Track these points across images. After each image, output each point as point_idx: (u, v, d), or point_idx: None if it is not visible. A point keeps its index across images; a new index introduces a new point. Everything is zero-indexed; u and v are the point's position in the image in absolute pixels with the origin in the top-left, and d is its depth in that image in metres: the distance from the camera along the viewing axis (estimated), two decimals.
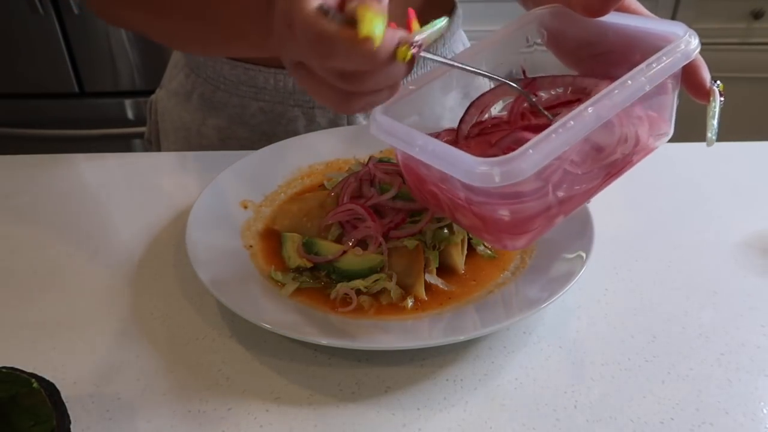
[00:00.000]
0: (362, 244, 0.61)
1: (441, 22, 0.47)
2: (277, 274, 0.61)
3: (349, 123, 0.88)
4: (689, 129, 0.79)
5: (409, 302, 0.58)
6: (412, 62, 0.44)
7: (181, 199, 0.76)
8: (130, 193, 0.78)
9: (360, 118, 0.88)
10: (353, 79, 0.43)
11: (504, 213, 0.48)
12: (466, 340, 0.55)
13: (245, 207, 0.70)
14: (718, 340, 0.56)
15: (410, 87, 0.55)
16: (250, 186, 0.73)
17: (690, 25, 0.52)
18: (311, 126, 0.87)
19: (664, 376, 0.53)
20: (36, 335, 0.58)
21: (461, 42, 0.98)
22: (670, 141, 0.63)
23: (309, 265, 0.61)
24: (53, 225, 0.73)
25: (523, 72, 0.61)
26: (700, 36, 0.52)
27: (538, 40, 0.61)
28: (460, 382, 0.53)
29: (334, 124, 0.88)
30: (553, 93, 0.61)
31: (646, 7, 0.59)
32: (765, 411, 0.50)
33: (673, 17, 1.95)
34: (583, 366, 0.54)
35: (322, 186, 0.74)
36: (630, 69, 0.49)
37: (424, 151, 0.46)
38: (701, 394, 0.51)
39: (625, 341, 0.56)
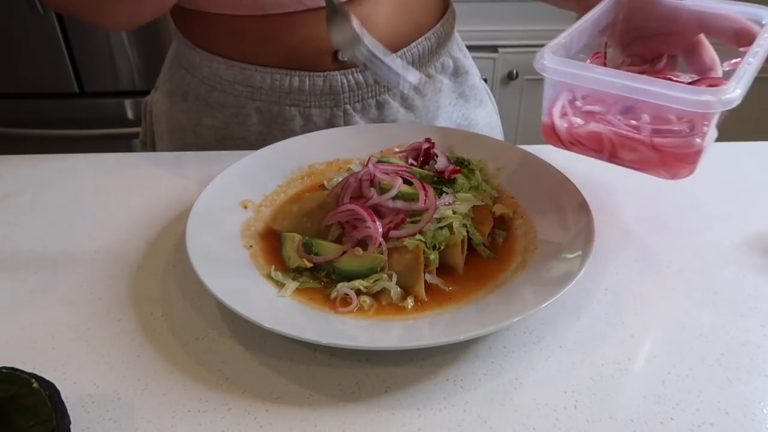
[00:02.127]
0: (362, 244, 0.61)
1: None
2: (277, 274, 0.61)
3: (346, 123, 0.88)
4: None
5: (410, 302, 0.58)
6: None
7: (181, 199, 0.76)
8: (130, 193, 0.78)
9: (357, 117, 0.88)
10: None
11: (698, 141, 0.59)
12: (466, 340, 0.55)
13: (245, 207, 0.70)
14: (718, 340, 0.56)
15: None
16: (250, 186, 0.73)
17: None
18: (308, 126, 0.87)
19: (664, 376, 0.53)
20: (36, 335, 0.58)
21: (456, 43, 0.98)
22: None
23: (309, 265, 0.61)
24: (53, 225, 0.73)
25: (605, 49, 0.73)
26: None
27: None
28: (460, 382, 0.53)
29: (330, 123, 0.88)
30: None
31: None
32: (765, 411, 0.50)
33: None
34: (583, 366, 0.54)
35: (322, 186, 0.74)
36: (688, 49, 0.64)
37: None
38: (701, 394, 0.51)
39: (625, 341, 0.56)
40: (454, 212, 0.63)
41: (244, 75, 0.85)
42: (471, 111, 0.98)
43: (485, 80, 1.00)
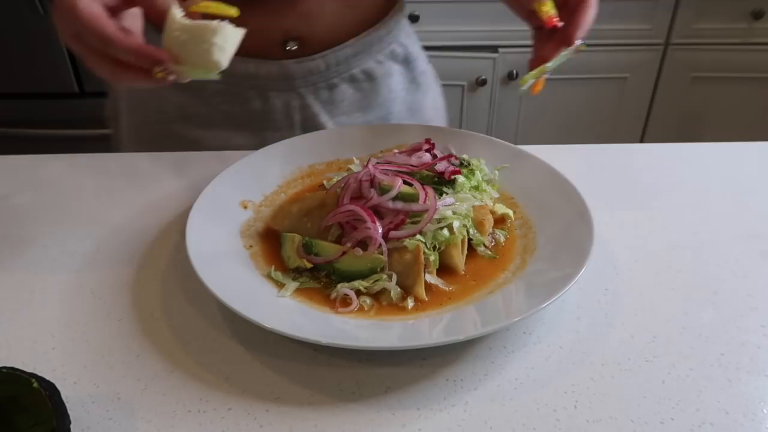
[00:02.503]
0: (362, 244, 0.61)
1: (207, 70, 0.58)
2: (277, 274, 0.61)
3: (301, 105, 0.89)
4: (690, 129, 0.79)
5: (410, 302, 0.58)
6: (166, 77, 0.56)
7: (181, 199, 0.76)
8: (130, 193, 0.78)
9: (311, 99, 0.89)
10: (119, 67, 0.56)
11: None
12: (466, 340, 0.55)
13: (245, 207, 0.70)
14: (718, 340, 0.56)
15: None
16: (250, 186, 0.73)
17: (690, 25, 0.53)
18: (266, 106, 0.88)
19: (664, 376, 0.53)
20: (36, 335, 0.58)
21: (403, 31, 0.97)
22: (670, 141, 0.64)
23: (308, 265, 0.61)
24: (53, 225, 0.73)
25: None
26: (700, 36, 0.53)
27: None
28: (460, 382, 0.53)
29: (286, 104, 0.89)
30: None
31: (647, 7, 0.62)
32: (765, 411, 0.50)
33: (673, 17, 1.95)
34: (583, 366, 0.54)
35: (322, 186, 0.74)
36: None
37: None
38: (701, 394, 0.51)
39: (625, 341, 0.56)
40: (454, 213, 0.63)
41: None
42: (421, 96, 1.00)
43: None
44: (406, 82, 0.97)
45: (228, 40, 0.56)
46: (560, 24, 0.67)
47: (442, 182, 0.68)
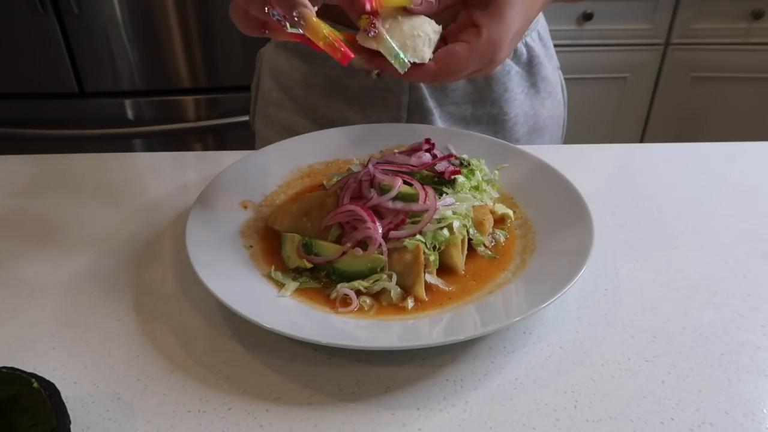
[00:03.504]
0: (362, 244, 0.61)
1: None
2: (277, 274, 0.61)
3: (413, 104, 0.88)
4: (690, 129, 0.79)
5: (410, 302, 0.58)
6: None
7: (181, 199, 0.76)
8: (130, 193, 0.78)
9: (445, 109, 0.88)
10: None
11: None
12: (466, 340, 0.55)
13: (245, 207, 0.70)
14: (718, 340, 0.56)
15: None
16: (250, 186, 0.73)
17: (690, 25, 0.52)
18: (379, 83, 0.88)
19: (664, 376, 0.53)
20: (36, 335, 0.58)
21: (536, 31, 0.95)
22: (670, 141, 0.64)
23: (308, 265, 0.61)
24: (53, 225, 0.73)
25: None
26: (700, 36, 0.52)
27: None
28: (460, 382, 0.53)
29: (398, 83, 0.87)
30: None
31: (647, 8, 0.61)
32: (765, 411, 0.50)
33: (673, 17, 1.95)
34: (583, 366, 0.54)
35: (322, 186, 0.74)
36: None
37: None
38: (701, 394, 0.51)
39: (625, 341, 0.56)
40: (454, 213, 0.63)
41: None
42: (539, 102, 0.97)
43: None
44: (527, 86, 0.94)
45: (435, 36, 0.55)
46: None
47: (442, 182, 0.68)
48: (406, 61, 0.54)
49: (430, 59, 0.55)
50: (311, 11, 0.51)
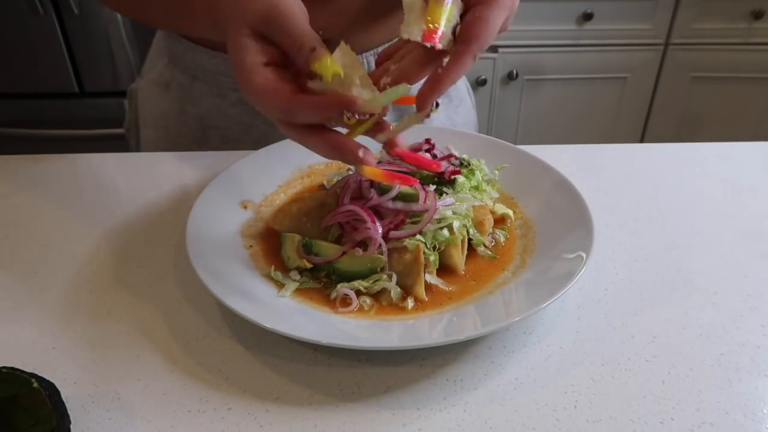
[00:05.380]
0: (362, 244, 0.61)
1: (398, 89, 0.49)
2: (277, 274, 0.61)
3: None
4: (690, 129, 0.79)
5: (410, 302, 0.58)
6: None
7: (181, 199, 0.76)
8: (130, 193, 0.78)
9: None
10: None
11: None
12: (466, 340, 0.55)
13: (245, 207, 0.70)
14: (718, 340, 0.56)
15: None
16: (250, 186, 0.73)
17: (690, 25, 0.52)
18: None
19: (664, 376, 0.53)
20: (36, 335, 0.58)
21: None
22: (670, 141, 0.64)
23: (308, 265, 0.61)
24: (53, 225, 0.73)
25: None
26: (700, 36, 0.52)
27: None
28: (460, 382, 0.53)
29: None
30: None
31: (646, 7, 0.60)
32: (765, 411, 0.50)
33: (673, 17, 1.95)
34: (583, 366, 0.54)
35: (322, 186, 0.74)
36: None
37: None
38: (701, 394, 0.51)
39: (625, 341, 0.56)
40: (454, 213, 0.63)
41: (226, 66, 0.84)
42: (453, 111, 0.98)
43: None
44: (443, 98, 0.95)
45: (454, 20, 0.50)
46: (439, 47, 0.49)
47: (442, 182, 0.68)
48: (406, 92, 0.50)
49: (450, 42, 0.50)
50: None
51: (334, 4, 0.78)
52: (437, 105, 0.52)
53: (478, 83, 2.02)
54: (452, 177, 0.68)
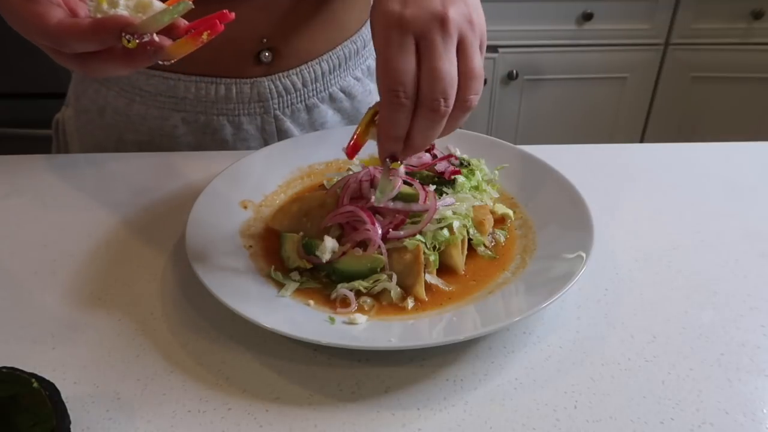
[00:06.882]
0: (362, 244, 0.61)
1: (177, 7, 0.50)
2: (277, 274, 0.61)
3: (278, 129, 0.86)
4: (690, 129, 0.79)
5: (410, 302, 0.58)
6: (143, 46, 0.49)
7: (181, 199, 0.76)
8: (129, 193, 0.78)
9: (288, 122, 0.87)
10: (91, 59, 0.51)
11: None
12: (466, 340, 0.55)
13: (245, 207, 0.70)
14: (718, 340, 0.56)
15: None
16: (250, 186, 0.73)
17: (690, 25, 0.52)
18: (239, 134, 0.85)
19: (664, 376, 0.53)
20: (36, 335, 0.58)
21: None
22: (670, 141, 0.64)
23: (308, 266, 0.61)
24: (53, 225, 0.73)
25: None
26: (700, 36, 0.52)
27: None
28: (460, 382, 0.53)
29: (261, 130, 0.86)
30: None
31: (646, 7, 0.60)
32: (765, 411, 0.50)
33: (673, 17, 1.95)
34: (583, 366, 0.54)
35: (322, 186, 0.74)
36: None
37: None
38: (701, 394, 0.51)
39: (625, 341, 0.56)
40: (454, 213, 0.63)
41: (166, 85, 0.81)
42: None
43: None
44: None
45: None
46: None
47: (442, 182, 0.68)
48: (186, 6, 0.50)
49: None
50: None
51: (275, 6, 0.77)
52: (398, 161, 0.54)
53: None
54: (452, 177, 0.68)
